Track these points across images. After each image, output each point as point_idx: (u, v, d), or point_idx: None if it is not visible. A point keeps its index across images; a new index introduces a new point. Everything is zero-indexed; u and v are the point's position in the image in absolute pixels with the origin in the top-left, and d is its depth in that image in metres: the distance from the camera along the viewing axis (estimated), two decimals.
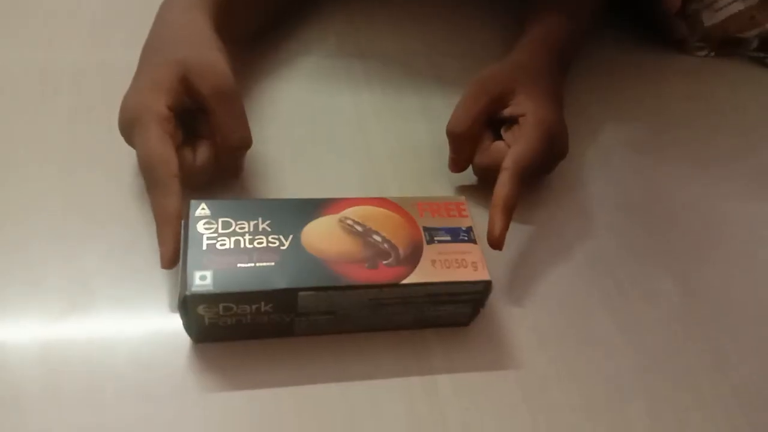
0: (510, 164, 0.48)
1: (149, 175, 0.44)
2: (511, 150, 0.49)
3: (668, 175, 0.58)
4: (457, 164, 0.53)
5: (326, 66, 0.62)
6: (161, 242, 0.42)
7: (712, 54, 0.71)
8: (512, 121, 0.51)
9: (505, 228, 0.47)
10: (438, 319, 0.45)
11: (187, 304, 0.40)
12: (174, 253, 0.42)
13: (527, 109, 0.50)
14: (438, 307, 0.44)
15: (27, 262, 0.45)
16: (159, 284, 0.45)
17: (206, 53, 0.47)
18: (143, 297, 0.45)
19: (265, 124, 0.55)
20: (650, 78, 0.68)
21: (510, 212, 0.47)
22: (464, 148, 0.51)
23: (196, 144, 0.47)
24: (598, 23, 0.65)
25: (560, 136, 0.52)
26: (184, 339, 0.43)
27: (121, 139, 0.48)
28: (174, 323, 0.44)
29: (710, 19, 0.69)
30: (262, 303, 0.41)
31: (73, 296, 0.44)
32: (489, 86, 0.52)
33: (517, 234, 0.52)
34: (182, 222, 0.43)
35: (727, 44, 0.71)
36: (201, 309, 0.40)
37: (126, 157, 0.50)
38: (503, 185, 0.47)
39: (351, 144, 0.56)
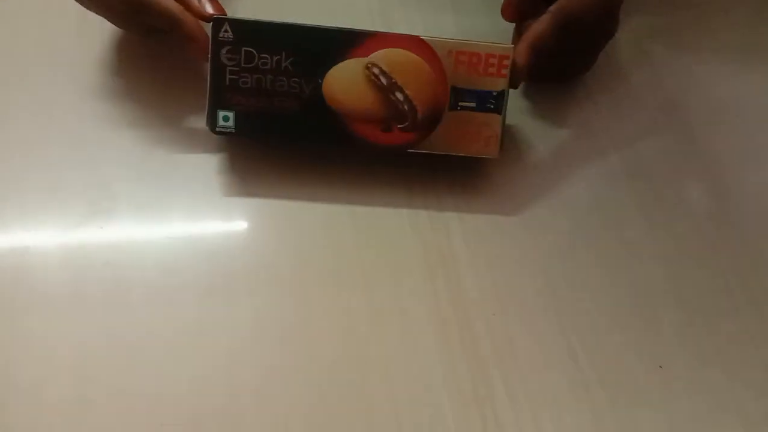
0: (555, 8, 0.44)
1: (126, 4, 0.42)
2: None
3: (709, 72, 0.55)
4: (516, 8, 0.46)
5: None
6: (189, 39, 0.43)
7: None
8: None
9: (528, 63, 0.43)
10: None
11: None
12: (204, 43, 0.42)
13: None
14: None
15: (45, 168, 0.45)
16: (179, 187, 0.45)
17: None
18: (164, 200, 0.44)
19: (284, 15, 0.52)
20: None
21: (538, 51, 0.44)
22: None
23: None
24: None
25: (616, 5, 0.47)
26: (206, 242, 0.43)
27: (135, 43, 0.47)
28: (195, 224, 0.43)
29: None
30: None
31: (94, 201, 0.43)
32: None
33: (550, 134, 0.50)
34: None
35: None
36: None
37: (141, 61, 0.49)
38: (540, 23, 0.44)
39: None
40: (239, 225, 0.44)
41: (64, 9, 0.48)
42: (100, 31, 0.49)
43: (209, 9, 0.43)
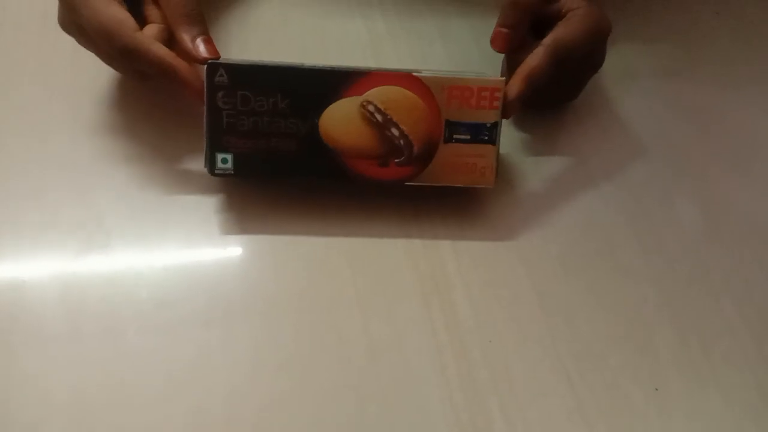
0: (550, 41, 0.45)
1: (111, 43, 0.42)
2: (555, 30, 0.46)
3: (698, 98, 0.56)
4: (507, 39, 0.46)
5: None
6: (183, 86, 0.43)
7: None
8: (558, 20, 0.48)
9: (521, 96, 0.44)
10: None
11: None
12: (199, 87, 0.43)
13: (580, 4, 0.47)
14: None
15: (41, 203, 0.45)
16: (176, 223, 0.45)
17: None
18: (161, 235, 0.45)
19: (275, 49, 0.53)
20: None
21: (532, 84, 0.44)
22: (522, 21, 0.46)
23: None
24: None
25: (604, 39, 0.49)
26: (203, 275, 0.43)
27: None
28: (191, 257, 0.43)
29: None
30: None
31: (89, 235, 0.44)
32: None
33: (540, 161, 0.51)
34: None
35: None
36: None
37: (138, 97, 0.50)
38: (535, 56, 0.45)
39: None
40: (236, 258, 0.45)
41: (60, 43, 0.48)
42: (97, 66, 0.50)
43: (203, 52, 0.43)
